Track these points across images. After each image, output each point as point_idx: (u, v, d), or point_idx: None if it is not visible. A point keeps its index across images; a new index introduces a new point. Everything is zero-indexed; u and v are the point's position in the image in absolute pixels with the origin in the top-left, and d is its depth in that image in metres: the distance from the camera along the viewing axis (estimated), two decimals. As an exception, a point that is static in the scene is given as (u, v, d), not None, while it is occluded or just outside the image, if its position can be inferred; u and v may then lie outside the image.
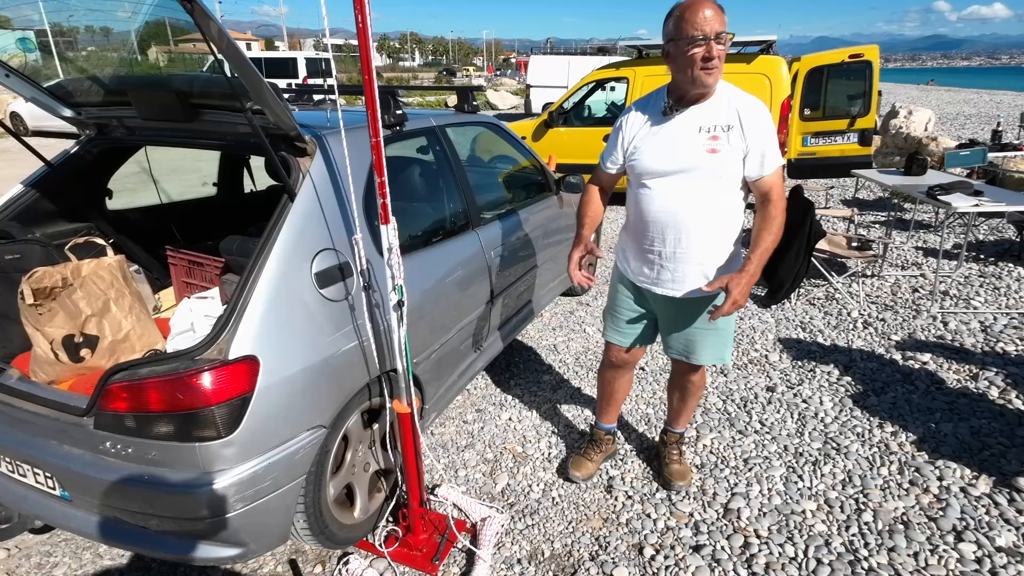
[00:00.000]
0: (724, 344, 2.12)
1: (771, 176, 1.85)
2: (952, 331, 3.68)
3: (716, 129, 1.83)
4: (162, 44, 2.55)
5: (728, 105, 1.84)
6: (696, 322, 2.08)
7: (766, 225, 1.84)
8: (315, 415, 1.76)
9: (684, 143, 1.87)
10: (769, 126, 1.84)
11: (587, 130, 7.34)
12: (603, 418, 2.52)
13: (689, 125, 1.86)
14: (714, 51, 1.71)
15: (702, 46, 1.71)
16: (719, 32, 1.70)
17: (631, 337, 2.24)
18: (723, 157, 1.83)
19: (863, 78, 6.80)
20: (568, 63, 16.44)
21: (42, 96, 2.22)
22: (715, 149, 1.83)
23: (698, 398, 2.36)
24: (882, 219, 6.32)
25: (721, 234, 1.93)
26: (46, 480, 1.69)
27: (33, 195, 2.32)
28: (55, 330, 1.90)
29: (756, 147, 1.82)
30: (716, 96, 1.86)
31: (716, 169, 1.85)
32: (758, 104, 1.86)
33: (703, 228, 1.90)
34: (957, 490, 2.32)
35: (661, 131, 1.91)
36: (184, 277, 2.43)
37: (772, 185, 1.85)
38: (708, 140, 1.84)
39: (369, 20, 1.44)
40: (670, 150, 1.88)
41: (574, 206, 3.79)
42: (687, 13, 1.71)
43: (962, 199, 4.06)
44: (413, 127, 2.48)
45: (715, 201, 1.89)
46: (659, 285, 2.03)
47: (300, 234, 1.77)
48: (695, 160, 1.85)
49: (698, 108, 1.86)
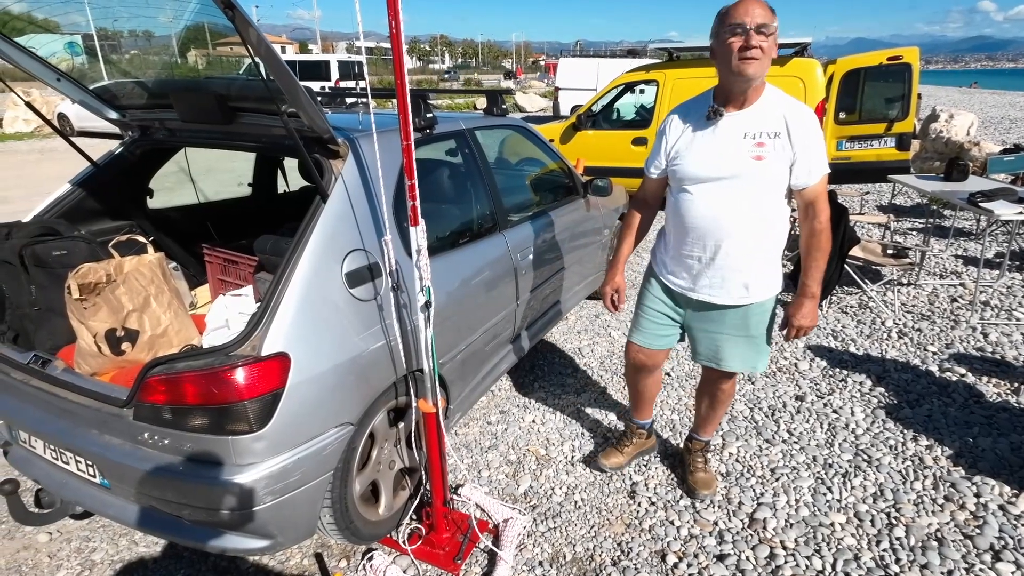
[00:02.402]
0: (758, 352, 2.08)
1: (817, 185, 1.83)
2: (993, 343, 3.56)
3: (762, 135, 1.80)
4: (201, 47, 2.63)
5: (775, 111, 1.81)
6: (729, 329, 2.05)
7: (815, 242, 1.85)
8: (343, 412, 1.79)
9: (729, 149, 1.83)
10: (817, 133, 1.81)
11: (615, 133, 7.30)
12: (635, 413, 2.52)
13: (734, 130, 1.83)
14: (753, 40, 1.67)
15: (740, 35, 1.69)
16: (760, 24, 1.67)
17: (655, 338, 2.22)
18: (769, 164, 1.80)
19: (902, 81, 6.61)
20: (597, 66, 16.37)
21: (89, 99, 2.32)
22: (761, 156, 1.80)
23: (727, 407, 2.33)
24: (920, 226, 6.14)
25: (763, 242, 1.91)
26: (87, 468, 1.76)
27: (79, 194, 2.42)
28: (98, 324, 1.98)
29: (804, 155, 1.79)
30: (762, 101, 1.82)
31: (761, 176, 1.82)
32: (806, 111, 1.82)
33: (745, 236, 1.88)
34: (995, 507, 2.24)
35: (705, 136, 1.88)
36: (219, 275, 2.50)
37: (817, 195, 1.84)
38: (754, 147, 1.80)
39: (402, 26, 1.47)
40: (714, 156, 1.86)
41: (601, 209, 3.79)
42: (731, 8, 1.72)
43: (1006, 206, 3.92)
44: (443, 130, 2.51)
45: (758, 209, 1.86)
46: (696, 291, 2.02)
47: (332, 235, 1.81)
48: (739, 167, 1.82)
49: (744, 113, 1.83)
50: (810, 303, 1.90)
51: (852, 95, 6.87)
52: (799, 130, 1.78)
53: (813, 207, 1.84)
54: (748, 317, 2.01)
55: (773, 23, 1.70)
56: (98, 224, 2.51)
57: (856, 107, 6.90)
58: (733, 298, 1.97)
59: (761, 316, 2.03)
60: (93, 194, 2.46)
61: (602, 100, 7.42)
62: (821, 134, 1.83)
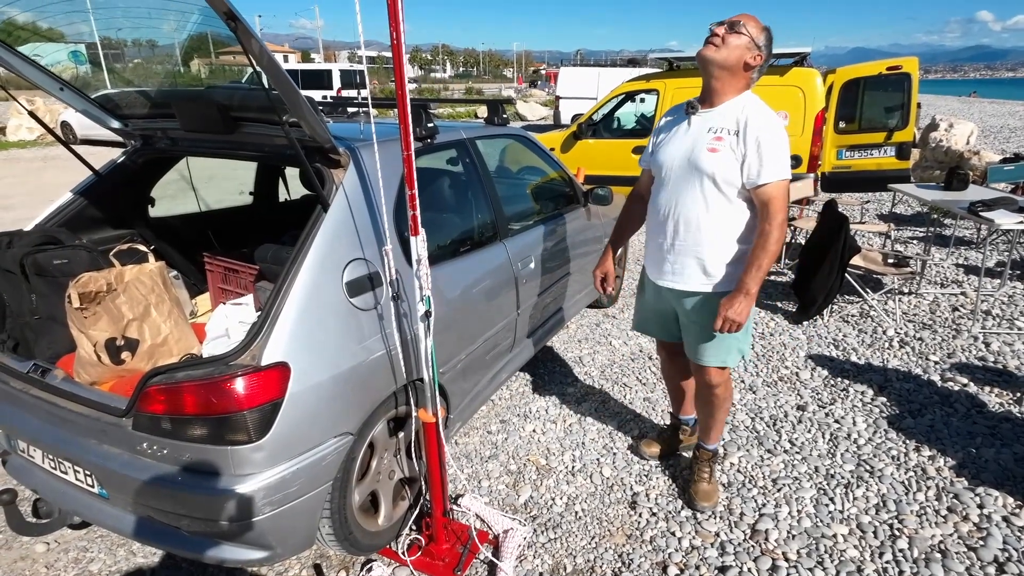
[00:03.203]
0: (728, 347, 2.12)
1: (767, 188, 1.88)
2: (995, 352, 3.55)
3: (721, 131, 1.93)
4: (204, 56, 2.64)
5: (739, 112, 1.93)
6: (698, 320, 2.11)
7: (759, 241, 1.91)
8: (342, 422, 1.79)
9: (692, 141, 1.99)
10: (773, 138, 1.87)
11: (616, 142, 7.32)
12: (676, 410, 2.66)
13: (701, 125, 1.99)
14: (718, 30, 1.87)
15: (712, 30, 1.90)
16: (733, 21, 1.88)
17: (661, 329, 2.36)
18: (721, 158, 1.92)
19: (901, 90, 6.63)
20: (598, 75, 16.46)
21: (92, 108, 2.33)
22: (715, 149, 1.93)
23: (722, 410, 2.29)
24: (920, 235, 6.14)
25: (719, 232, 2.00)
26: (86, 478, 1.75)
27: (81, 203, 2.42)
28: (99, 333, 1.98)
29: (752, 155, 1.88)
30: (733, 102, 1.95)
31: (714, 168, 1.92)
32: (767, 117, 1.90)
33: (700, 223, 1.99)
34: (999, 519, 2.22)
35: (678, 129, 2.06)
36: (220, 283, 2.50)
37: (769, 198, 1.89)
38: (712, 140, 1.94)
39: (403, 38, 1.48)
40: (680, 147, 2.02)
41: (602, 218, 3.79)
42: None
43: (1006, 215, 3.92)
44: (444, 139, 2.52)
45: (713, 199, 1.97)
46: (662, 277, 2.14)
47: (332, 244, 1.81)
48: (697, 156, 1.96)
49: (712, 111, 1.97)
50: (742, 299, 1.91)
51: (852, 104, 6.90)
52: (753, 131, 1.88)
53: (766, 208, 1.90)
54: (712, 308, 2.02)
55: (749, 28, 1.86)
56: (99, 233, 2.51)
57: (856, 116, 6.93)
58: (692, 284, 2.07)
59: None
60: (95, 203, 2.46)
61: (603, 109, 7.45)
62: (780, 141, 1.88)
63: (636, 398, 3.18)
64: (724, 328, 1.95)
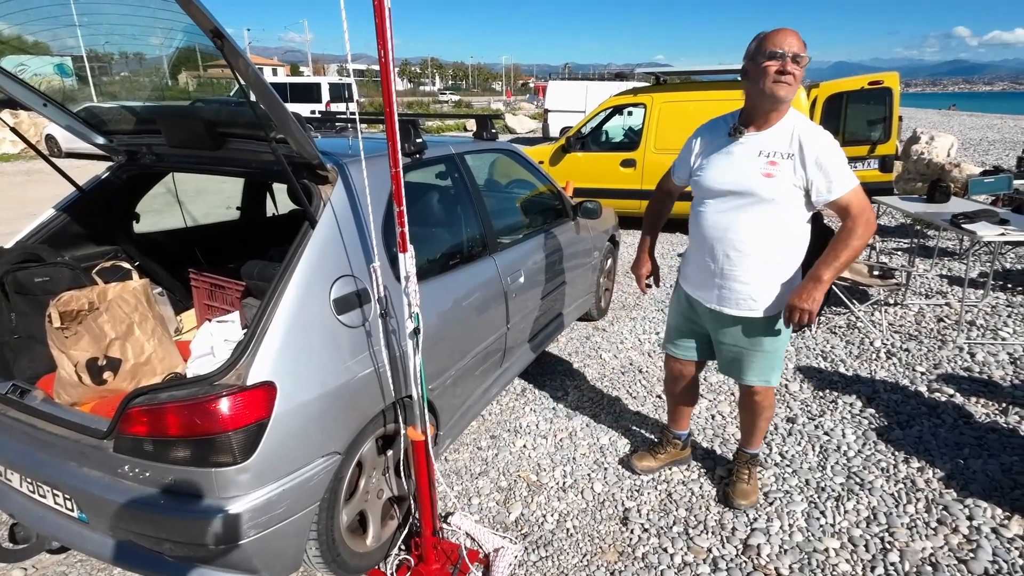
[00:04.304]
0: (772, 366, 2.17)
1: (844, 196, 1.88)
2: (980, 363, 3.59)
3: (775, 155, 1.91)
4: (192, 69, 2.62)
5: (791, 133, 1.91)
6: (742, 342, 2.14)
7: (841, 235, 1.91)
8: (330, 441, 1.76)
9: (743, 166, 1.95)
10: (832, 154, 1.88)
11: (605, 155, 7.38)
12: (672, 424, 2.65)
13: (751, 149, 1.95)
14: (789, 66, 1.81)
15: (778, 60, 1.81)
16: (797, 54, 1.81)
17: (685, 350, 2.38)
18: (777, 182, 1.90)
19: (883, 104, 6.77)
20: (586, 88, 16.63)
21: (76, 124, 2.30)
22: (771, 174, 1.90)
23: (765, 418, 2.35)
24: (904, 246, 6.23)
25: (771, 257, 1.99)
26: (65, 502, 1.70)
27: (64, 219, 2.39)
28: (80, 353, 1.94)
29: (817, 175, 1.88)
30: (782, 124, 1.93)
31: (770, 193, 1.91)
32: (821, 134, 1.90)
33: (752, 249, 1.98)
34: (988, 531, 2.23)
35: (724, 152, 2.01)
36: (206, 300, 2.47)
37: (847, 203, 1.89)
38: (766, 164, 1.91)
39: (392, 55, 1.48)
40: (729, 171, 1.98)
41: (591, 231, 3.81)
42: (770, 35, 1.85)
43: (988, 227, 3.98)
44: (432, 155, 2.52)
45: (766, 224, 1.95)
46: (709, 301, 2.13)
47: (320, 261, 1.79)
48: (750, 183, 1.93)
49: (763, 133, 1.94)
50: (812, 286, 1.91)
51: (835, 118, 7.02)
52: (811, 152, 1.87)
53: (847, 211, 1.91)
54: (759, 330, 2.10)
55: (805, 54, 1.83)
56: (82, 249, 2.48)
57: (839, 130, 7.05)
58: (741, 309, 2.07)
59: (772, 330, 2.10)
60: (78, 219, 2.43)
61: (591, 122, 7.52)
62: (838, 153, 1.89)
63: (626, 412, 3.17)
64: (796, 318, 1.95)
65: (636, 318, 4.50)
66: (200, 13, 1.31)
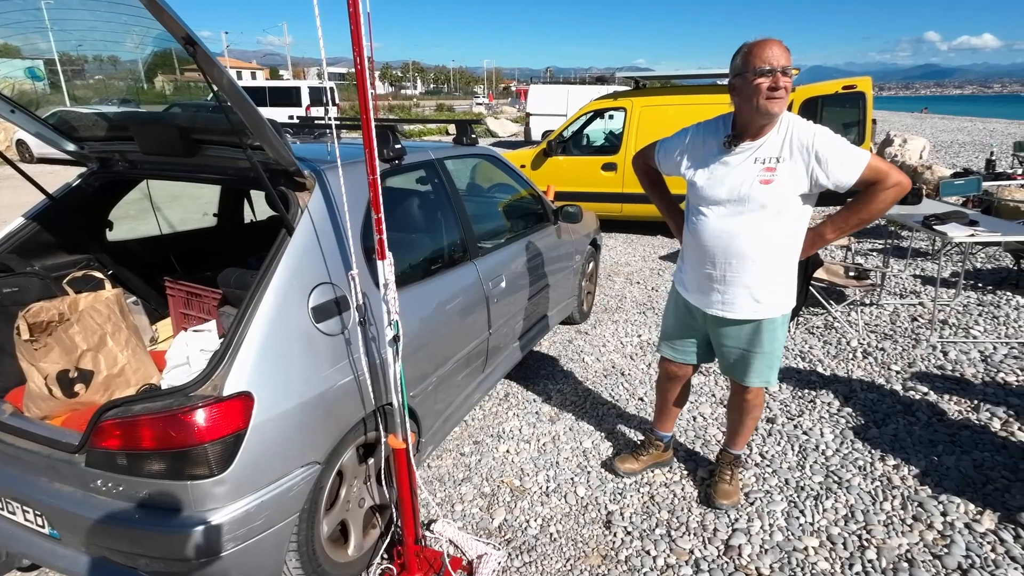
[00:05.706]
0: (771, 366, 2.21)
1: (864, 174, 1.85)
2: (952, 361, 3.67)
3: (771, 160, 1.91)
4: (169, 72, 2.58)
5: (786, 136, 1.91)
6: (743, 344, 2.17)
7: (866, 195, 1.90)
8: (309, 451, 1.74)
9: (740, 175, 1.95)
10: (829, 141, 1.87)
11: (586, 159, 7.42)
12: (657, 425, 2.66)
13: (747, 157, 1.96)
14: (780, 82, 1.81)
15: (769, 77, 1.80)
16: (785, 66, 1.81)
17: (682, 353, 2.40)
18: (776, 188, 1.91)
19: (857, 107, 6.90)
20: (567, 92, 16.72)
21: (46, 130, 2.25)
22: (768, 180, 1.91)
23: (753, 418, 2.39)
24: (879, 247, 6.35)
25: (772, 262, 2.02)
26: (36, 518, 1.66)
27: (34, 228, 2.33)
28: (50, 365, 1.90)
29: (824, 165, 1.86)
30: (776, 129, 1.93)
31: (769, 200, 1.93)
32: (811, 128, 1.90)
33: (753, 255, 2.00)
34: (961, 526, 2.28)
35: (720, 162, 2.01)
36: (182, 308, 2.43)
37: (872, 173, 1.86)
38: (763, 171, 1.92)
39: (368, 64, 1.47)
40: (726, 181, 1.98)
41: (572, 235, 3.82)
42: (756, 49, 1.83)
43: (958, 228, 4.08)
44: (412, 160, 2.51)
45: (766, 230, 1.98)
46: (711, 307, 2.15)
47: (298, 268, 1.77)
48: (748, 190, 1.94)
49: (758, 142, 1.94)
50: (811, 236, 2.05)
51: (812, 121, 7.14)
52: (810, 150, 1.87)
53: (875, 180, 1.87)
54: (760, 333, 2.13)
55: (791, 63, 1.84)
56: (53, 259, 2.42)
57: (815, 133, 7.16)
58: (745, 313, 2.09)
59: (772, 332, 2.14)
60: (48, 228, 2.37)
61: (572, 126, 7.56)
62: (835, 140, 1.88)
63: (609, 415, 3.19)
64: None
65: (618, 321, 4.53)
66: (171, 20, 1.30)
